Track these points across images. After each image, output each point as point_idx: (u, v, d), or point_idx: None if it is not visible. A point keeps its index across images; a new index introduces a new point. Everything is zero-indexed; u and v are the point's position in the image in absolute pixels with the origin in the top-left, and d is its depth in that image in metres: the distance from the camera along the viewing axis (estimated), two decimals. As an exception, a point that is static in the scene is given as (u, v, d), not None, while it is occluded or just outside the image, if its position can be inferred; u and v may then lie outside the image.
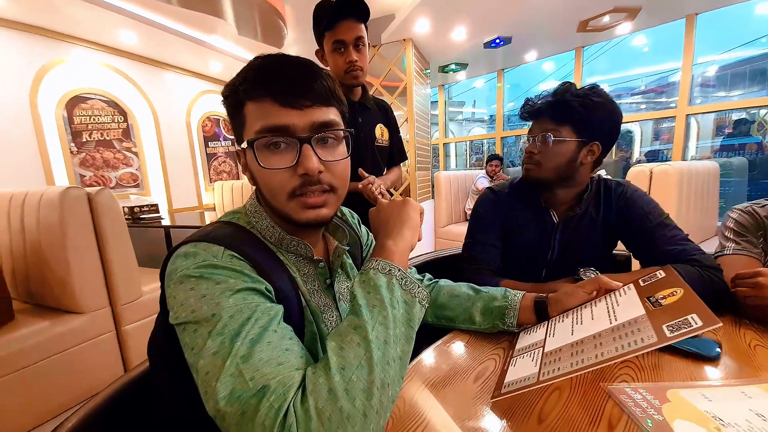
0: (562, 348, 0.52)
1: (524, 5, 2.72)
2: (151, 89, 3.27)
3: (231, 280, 0.40)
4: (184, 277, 0.41)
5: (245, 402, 0.33)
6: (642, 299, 0.54)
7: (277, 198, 0.48)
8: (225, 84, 0.49)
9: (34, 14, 2.39)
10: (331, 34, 1.14)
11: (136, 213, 2.60)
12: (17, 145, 2.44)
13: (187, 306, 0.39)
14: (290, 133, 0.45)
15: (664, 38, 3.81)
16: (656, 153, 5.41)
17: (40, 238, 1.41)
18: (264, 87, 0.44)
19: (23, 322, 1.35)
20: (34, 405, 1.29)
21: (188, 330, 0.39)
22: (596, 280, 0.64)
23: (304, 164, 0.45)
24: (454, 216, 3.58)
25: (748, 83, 5.10)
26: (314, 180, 0.46)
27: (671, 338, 0.42)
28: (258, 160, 0.45)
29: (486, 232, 0.95)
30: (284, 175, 0.46)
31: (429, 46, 3.41)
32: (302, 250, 0.53)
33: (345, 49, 1.14)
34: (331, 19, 1.11)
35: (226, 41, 3.23)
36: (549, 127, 0.84)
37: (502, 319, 0.66)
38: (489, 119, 5.12)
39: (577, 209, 0.89)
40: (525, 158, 0.89)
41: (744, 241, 0.82)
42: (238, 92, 0.46)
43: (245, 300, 0.39)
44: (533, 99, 0.88)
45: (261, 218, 0.52)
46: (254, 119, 0.45)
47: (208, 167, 3.98)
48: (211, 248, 0.43)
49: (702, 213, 2.11)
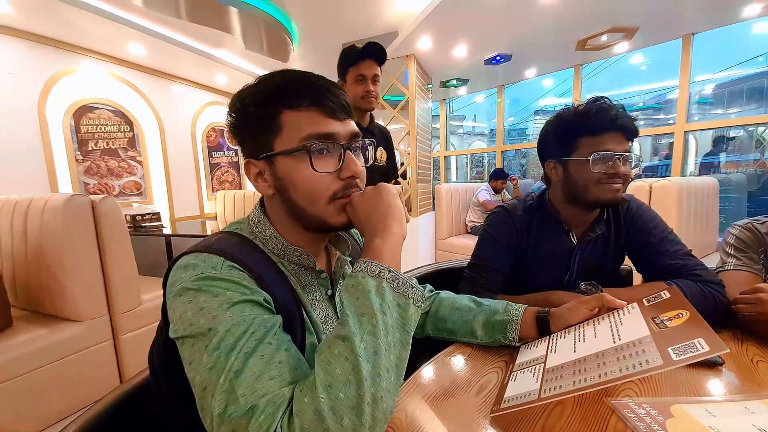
0: (564, 365, 0.51)
1: (524, 24, 2.80)
2: (157, 100, 3.33)
3: (229, 292, 0.40)
4: (183, 290, 0.41)
5: (236, 422, 0.33)
6: (646, 319, 0.53)
7: (316, 202, 0.48)
8: (240, 95, 0.49)
9: (46, 25, 2.46)
10: (355, 69, 1.44)
11: (138, 221, 2.61)
12: (24, 152, 2.46)
13: (185, 319, 0.39)
14: (336, 140, 0.48)
15: (661, 57, 3.90)
16: (655, 168, 5.46)
17: (42, 244, 1.41)
18: (307, 98, 0.47)
19: (21, 329, 1.35)
20: (30, 413, 1.27)
21: (186, 344, 0.39)
22: (600, 298, 0.63)
23: (350, 168, 0.48)
24: (455, 228, 3.58)
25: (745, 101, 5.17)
26: (354, 183, 0.49)
27: (677, 362, 0.41)
28: (312, 164, 0.46)
29: (494, 255, 0.91)
30: (327, 179, 0.48)
31: (431, 62, 3.48)
32: (305, 261, 0.53)
33: (364, 82, 1.45)
34: (359, 56, 1.42)
35: (233, 55, 3.31)
36: (626, 144, 0.79)
37: (503, 333, 0.65)
38: (489, 133, 5.17)
39: (597, 229, 0.87)
40: (610, 177, 0.78)
41: (745, 257, 0.82)
42: (274, 102, 0.47)
43: (242, 313, 0.40)
44: (605, 112, 0.78)
45: (264, 228, 0.52)
46: (297, 127, 0.47)
47: (211, 177, 4.00)
48: (210, 259, 0.44)
49: (702, 229, 2.11)
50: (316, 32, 2.97)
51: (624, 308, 0.60)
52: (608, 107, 0.78)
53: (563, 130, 0.84)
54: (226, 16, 2.48)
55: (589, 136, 0.80)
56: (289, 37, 2.85)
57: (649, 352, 0.45)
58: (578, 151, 0.81)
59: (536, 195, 0.95)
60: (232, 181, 4.28)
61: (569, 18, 2.71)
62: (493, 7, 2.48)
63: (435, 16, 2.55)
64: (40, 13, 2.28)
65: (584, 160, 0.79)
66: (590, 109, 0.79)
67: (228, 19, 2.52)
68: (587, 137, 0.80)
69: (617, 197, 0.80)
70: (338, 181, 0.48)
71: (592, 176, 0.79)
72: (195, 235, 2.52)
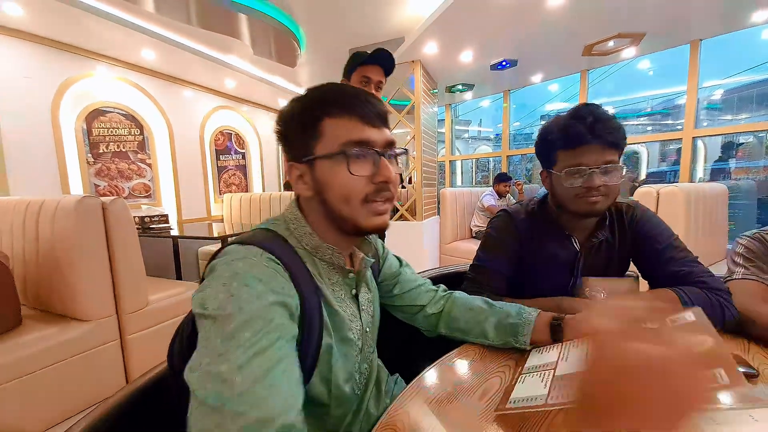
0: (574, 375, 0.49)
1: (531, 30, 2.81)
2: (167, 104, 3.39)
3: (260, 286, 0.42)
4: (221, 274, 0.43)
5: (212, 418, 0.34)
6: None
7: (350, 203, 0.51)
8: (289, 104, 0.54)
9: (62, 31, 2.52)
10: (361, 70, 1.43)
11: (147, 223, 2.65)
12: (38, 153, 2.52)
13: (216, 300, 0.41)
14: (372, 147, 0.51)
15: (669, 62, 3.87)
16: (662, 174, 5.40)
17: (54, 245, 1.44)
18: (346, 107, 0.51)
19: (30, 328, 1.37)
20: (37, 412, 1.29)
21: (207, 323, 0.40)
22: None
23: (384, 173, 0.51)
24: (460, 233, 3.57)
25: (755, 107, 5.11)
26: (387, 188, 0.52)
27: None
28: (349, 167, 0.49)
29: (496, 257, 0.91)
30: (362, 182, 0.51)
31: (437, 67, 3.50)
32: (335, 260, 0.56)
33: (368, 84, 1.44)
34: (368, 60, 1.41)
35: (242, 60, 3.36)
36: (609, 154, 0.76)
37: (515, 336, 0.66)
38: (495, 138, 5.17)
39: (599, 235, 0.86)
40: (587, 191, 0.76)
41: (753, 267, 0.81)
42: (317, 110, 0.51)
43: (267, 313, 0.41)
44: (580, 123, 0.75)
45: (300, 225, 0.55)
46: (337, 134, 0.50)
47: (218, 180, 4.05)
48: (251, 249, 0.47)
49: (710, 235, 2.09)
50: (323, 38, 3.01)
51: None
52: (584, 117, 0.75)
53: (544, 143, 0.85)
54: (236, 22, 2.53)
55: (564, 150, 0.79)
56: (297, 43, 2.89)
57: None
58: (557, 164, 0.81)
59: (538, 200, 0.94)
60: (239, 184, 4.33)
61: (576, 24, 2.71)
62: (500, 12, 2.49)
63: (441, 22, 2.57)
64: (55, 18, 2.35)
65: (561, 175, 0.78)
66: (566, 122, 0.78)
67: (237, 25, 2.57)
68: (563, 151, 0.79)
69: (595, 210, 0.78)
70: (371, 185, 0.51)
71: (570, 190, 0.78)
72: (202, 237, 2.55)
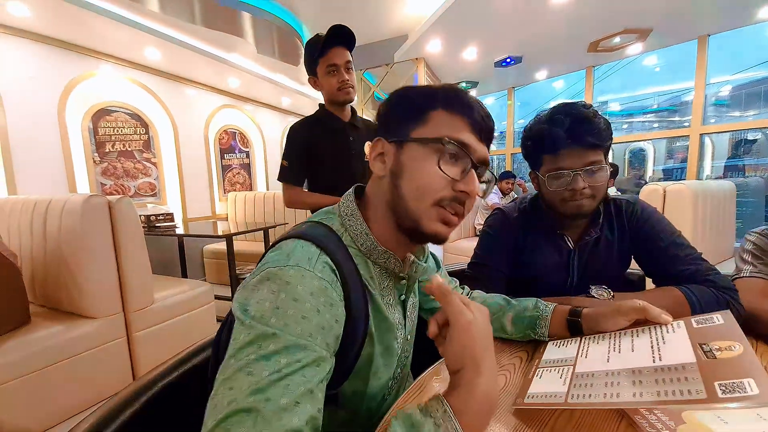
0: (595, 373, 0.49)
1: (535, 26, 2.78)
2: (172, 103, 3.40)
3: (308, 304, 0.40)
4: (272, 275, 0.41)
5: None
6: (693, 344, 0.48)
7: (423, 199, 0.48)
8: (405, 86, 0.55)
9: (67, 30, 2.54)
10: (324, 60, 1.34)
11: (152, 221, 2.67)
12: (44, 153, 2.55)
13: (261, 308, 0.39)
14: (470, 154, 0.49)
15: (676, 58, 3.83)
16: (670, 171, 5.34)
17: (61, 243, 1.46)
18: (465, 107, 0.50)
19: (38, 326, 1.39)
20: (44, 408, 1.31)
21: (243, 329, 0.38)
22: (642, 311, 0.57)
23: (470, 184, 0.48)
24: (463, 231, 3.56)
25: (763, 103, 5.04)
26: (464, 200, 0.49)
27: (722, 400, 0.37)
28: (439, 162, 0.47)
29: (494, 255, 0.92)
30: (443, 182, 0.48)
31: (440, 64, 3.49)
32: (390, 264, 0.52)
33: (337, 71, 1.35)
34: (325, 45, 1.31)
35: (245, 59, 3.37)
36: (591, 155, 0.75)
37: (533, 329, 0.66)
38: (499, 135, 5.14)
39: (592, 233, 0.85)
40: (572, 194, 0.77)
41: (761, 264, 0.80)
42: (435, 98, 0.50)
43: (308, 342, 0.38)
44: (557, 128, 0.75)
45: (356, 222, 0.52)
46: (442, 126, 0.49)
47: (222, 178, 4.07)
48: (309, 248, 0.45)
49: (718, 233, 2.06)
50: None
51: (668, 325, 0.55)
52: (561, 121, 0.74)
53: (525, 147, 0.85)
54: (240, 20, 2.53)
55: (548, 154, 0.79)
56: (300, 41, 2.89)
57: (692, 382, 0.40)
58: (543, 167, 0.81)
59: (530, 198, 0.94)
60: (243, 183, 4.35)
61: (581, 20, 2.68)
62: (504, 9, 2.47)
63: (445, 20, 2.56)
64: (61, 18, 2.36)
65: (545, 179, 0.79)
66: (543, 126, 0.78)
67: (241, 23, 2.58)
68: (546, 155, 0.79)
69: (582, 211, 0.79)
70: (451, 191, 0.48)
71: (555, 194, 0.79)
72: (206, 235, 2.56)
